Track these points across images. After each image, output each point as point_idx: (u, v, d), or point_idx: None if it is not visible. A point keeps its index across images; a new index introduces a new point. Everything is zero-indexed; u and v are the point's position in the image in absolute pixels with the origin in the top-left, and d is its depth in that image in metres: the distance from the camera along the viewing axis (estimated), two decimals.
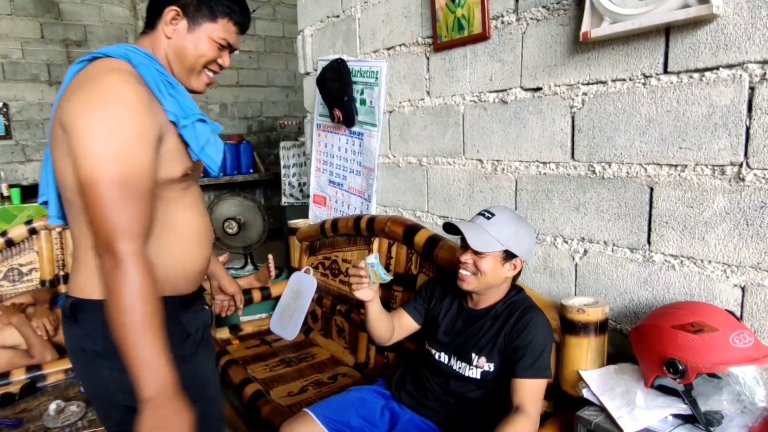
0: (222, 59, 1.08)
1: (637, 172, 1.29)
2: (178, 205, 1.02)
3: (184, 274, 1.05)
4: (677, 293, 1.25)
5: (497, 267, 1.30)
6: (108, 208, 0.85)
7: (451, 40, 1.72)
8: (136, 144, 0.87)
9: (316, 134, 2.53)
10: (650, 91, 1.24)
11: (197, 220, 1.06)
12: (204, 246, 1.09)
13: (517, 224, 1.31)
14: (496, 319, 1.34)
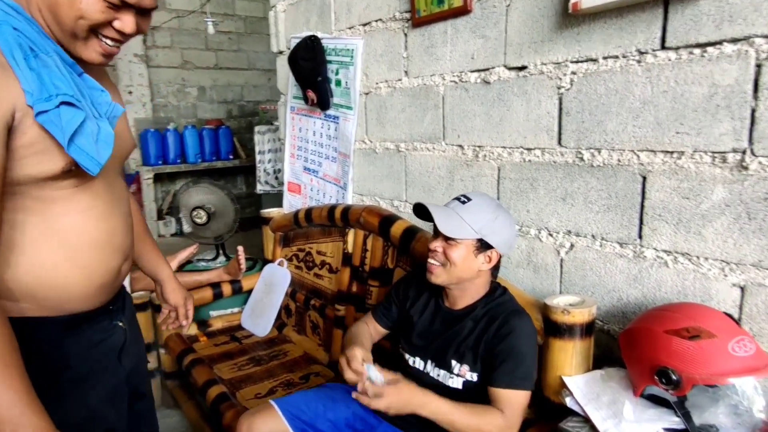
0: (121, 22, 0.80)
1: (629, 159, 1.18)
2: (64, 208, 0.82)
3: (76, 290, 0.85)
4: (670, 292, 1.15)
5: (469, 257, 1.16)
6: None
7: (430, 15, 1.58)
8: None
9: (290, 118, 2.39)
10: (645, 69, 1.12)
11: (95, 224, 0.86)
12: (107, 255, 0.89)
13: (495, 212, 1.18)
14: (477, 322, 1.21)
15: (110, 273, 0.91)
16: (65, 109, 0.74)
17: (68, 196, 0.82)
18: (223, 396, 1.70)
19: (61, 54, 0.79)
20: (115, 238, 0.91)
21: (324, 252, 2.10)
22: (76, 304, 0.87)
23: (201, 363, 1.96)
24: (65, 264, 0.83)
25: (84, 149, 0.76)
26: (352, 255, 1.92)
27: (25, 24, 0.75)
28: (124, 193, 0.98)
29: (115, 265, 0.92)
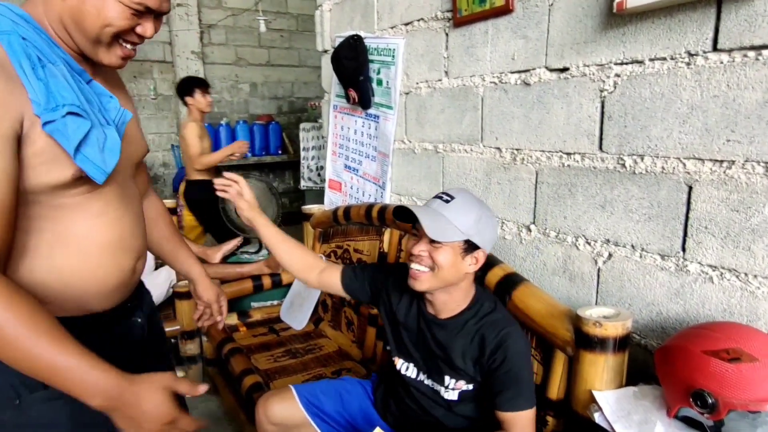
0: (142, 27, 0.83)
1: (674, 167, 1.11)
2: (78, 214, 0.83)
3: (93, 291, 0.87)
4: (714, 310, 1.08)
5: (457, 260, 1.09)
6: None
7: (471, 14, 1.55)
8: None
9: (333, 116, 2.42)
10: (695, 72, 1.06)
11: (109, 228, 0.88)
12: (120, 257, 0.91)
13: (480, 210, 1.11)
14: (469, 337, 1.15)
15: (124, 273, 0.93)
16: (71, 119, 0.75)
17: (81, 203, 0.83)
18: (258, 385, 1.75)
19: (69, 62, 0.81)
20: (127, 241, 0.92)
21: (361, 250, 2.11)
22: (95, 304, 0.89)
23: (239, 352, 2.03)
24: (81, 267, 0.85)
25: (90, 158, 0.77)
26: (387, 254, 1.92)
27: (33, 33, 0.77)
28: (136, 195, 0.99)
29: (129, 265, 0.94)
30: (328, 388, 1.41)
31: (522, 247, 1.52)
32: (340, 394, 1.40)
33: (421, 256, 1.10)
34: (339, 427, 1.37)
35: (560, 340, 1.20)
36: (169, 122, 5.54)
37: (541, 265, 1.47)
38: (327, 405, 1.35)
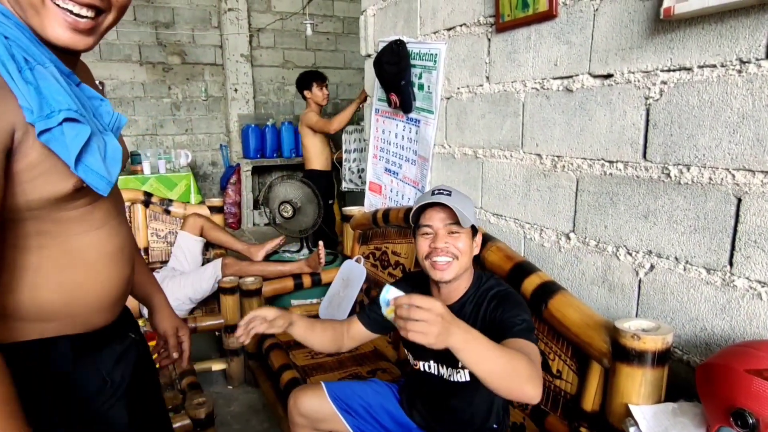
0: None
1: (723, 178, 1.08)
2: (81, 226, 0.77)
3: (98, 303, 0.83)
4: (762, 328, 1.04)
5: (470, 244, 1.22)
6: None
7: (514, 20, 1.55)
8: None
9: (374, 119, 2.45)
10: (747, 80, 1.02)
11: (111, 238, 0.83)
12: (120, 267, 0.86)
13: (468, 198, 1.28)
14: (471, 309, 1.23)
15: (124, 283, 0.88)
16: (68, 125, 0.66)
17: (84, 215, 0.77)
18: (295, 381, 1.80)
19: (56, 63, 0.70)
20: (126, 249, 0.88)
21: (399, 252, 2.14)
22: (98, 318, 0.84)
23: (279, 348, 2.10)
24: (86, 280, 0.80)
25: (93, 168, 0.69)
26: None
27: (16, 30, 0.66)
28: (122, 201, 0.95)
29: (128, 274, 0.89)
30: (358, 387, 1.46)
31: (561, 256, 1.50)
32: (368, 392, 1.45)
33: (446, 248, 1.18)
34: (365, 422, 1.40)
35: (597, 351, 1.18)
36: (218, 123, 5.75)
37: (579, 275, 1.44)
38: (355, 402, 1.40)
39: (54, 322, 0.78)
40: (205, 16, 5.41)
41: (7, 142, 0.63)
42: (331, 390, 1.41)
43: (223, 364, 2.42)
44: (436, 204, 1.19)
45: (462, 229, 1.19)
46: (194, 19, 5.37)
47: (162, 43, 5.31)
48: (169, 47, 5.35)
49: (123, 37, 5.15)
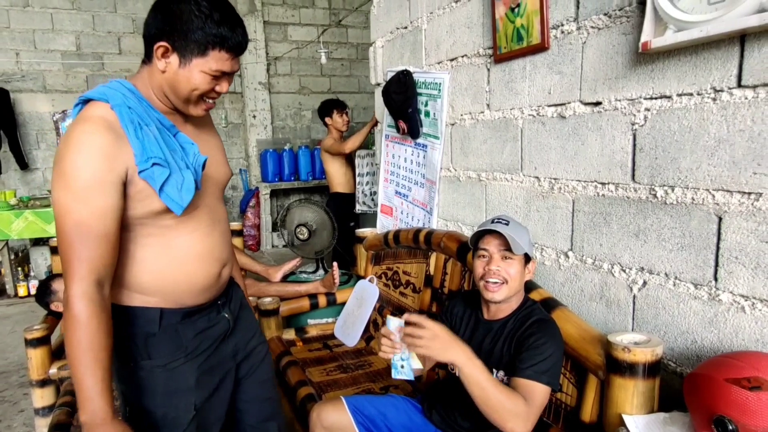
0: (219, 87, 1.07)
1: (704, 198, 1.14)
2: (176, 231, 1.09)
3: (188, 289, 1.12)
4: (747, 339, 1.09)
5: (521, 271, 1.32)
6: (64, 253, 0.95)
7: (510, 51, 1.65)
8: (91, 191, 0.94)
9: (385, 145, 2.56)
10: (721, 107, 1.09)
11: (199, 242, 1.13)
12: (207, 264, 1.15)
13: (526, 229, 1.37)
14: (511, 327, 1.32)
15: (211, 278, 1.16)
16: (157, 168, 0.99)
17: (178, 223, 1.08)
18: (311, 396, 1.88)
19: (161, 120, 1.05)
20: (215, 251, 1.16)
21: (409, 272, 2.22)
22: (187, 300, 1.14)
23: (295, 365, 2.18)
24: (177, 272, 1.10)
25: (170, 196, 1.02)
26: (433, 277, 2.02)
27: (136, 102, 1.02)
28: (223, 214, 1.23)
29: (215, 271, 1.17)
30: (375, 400, 1.55)
31: (561, 273, 1.57)
32: (385, 404, 1.52)
33: (498, 272, 1.30)
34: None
35: (592, 363, 1.25)
36: (238, 148, 5.95)
37: (579, 291, 1.51)
38: (371, 413, 1.48)
39: (152, 297, 1.10)
40: None
41: (123, 176, 0.98)
42: (350, 403, 1.50)
43: None
44: (494, 231, 1.30)
45: (515, 256, 1.29)
46: None
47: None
48: None
49: None
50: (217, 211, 1.20)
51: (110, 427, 0.95)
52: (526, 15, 1.55)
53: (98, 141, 0.95)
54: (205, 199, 1.14)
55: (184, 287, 1.12)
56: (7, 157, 5.05)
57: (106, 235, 0.96)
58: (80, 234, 0.94)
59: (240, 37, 1.03)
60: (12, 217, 4.20)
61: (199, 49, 1.00)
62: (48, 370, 2.13)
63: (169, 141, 1.05)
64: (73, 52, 5.22)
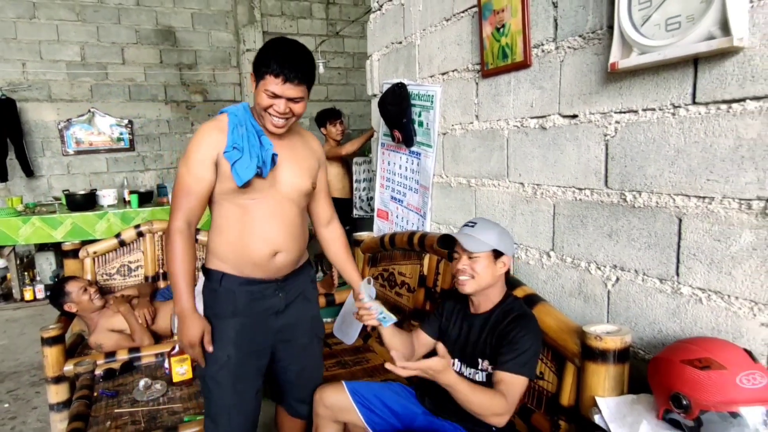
0: (275, 106, 1.38)
1: (666, 202, 1.28)
2: (247, 213, 1.46)
3: (244, 261, 1.48)
4: (705, 328, 1.22)
5: (490, 266, 1.45)
6: (173, 202, 1.45)
7: (496, 68, 1.79)
8: (195, 164, 1.41)
9: (381, 152, 2.70)
10: (679, 121, 1.23)
11: (259, 226, 1.47)
12: (261, 244, 1.47)
13: (497, 227, 1.51)
14: (495, 323, 1.46)
15: (263, 256, 1.48)
16: (235, 151, 1.40)
17: (250, 206, 1.45)
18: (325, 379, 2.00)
19: (254, 125, 1.45)
20: (270, 237, 1.47)
21: (404, 273, 2.35)
22: (246, 270, 1.50)
23: None
24: (239, 244, 1.47)
25: (237, 171, 1.40)
26: (426, 277, 2.15)
27: (244, 114, 1.46)
28: (293, 216, 1.52)
29: (267, 252, 1.48)
30: (374, 386, 1.68)
31: (543, 272, 1.70)
32: (383, 390, 1.66)
33: (464, 269, 1.46)
34: (377, 414, 1.61)
35: (570, 352, 1.37)
36: None
37: (560, 288, 1.64)
38: (373, 398, 1.62)
39: (223, 263, 1.50)
40: (225, 57, 5.81)
41: (215, 157, 1.41)
42: (351, 386, 1.65)
43: None
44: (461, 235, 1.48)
45: (480, 254, 1.44)
46: (215, 60, 5.76)
47: (185, 83, 5.69)
48: (191, 86, 5.73)
49: (150, 79, 5.55)
50: (287, 211, 1.50)
51: (194, 317, 1.43)
52: (511, 35, 1.69)
53: (206, 135, 1.42)
54: (275, 195, 1.48)
55: (242, 259, 1.48)
56: (13, 165, 5.17)
57: (197, 194, 1.42)
58: (183, 191, 1.42)
59: (285, 66, 1.33)
60: (20, 222, 4.32)
61: (259, 74, 1.38)
62: (63, 367, 2.24)
63: (252, 139, 1.41)
64: (78, 62, 5.35)
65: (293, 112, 1.42)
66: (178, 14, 5.62)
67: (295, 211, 1.53)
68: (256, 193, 1.46)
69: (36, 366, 3.31)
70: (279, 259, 1.51)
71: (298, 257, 1.60)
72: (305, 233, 1.63)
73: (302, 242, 1.60)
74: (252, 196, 1.45)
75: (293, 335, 1.62)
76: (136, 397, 1.96)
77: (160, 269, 2.94)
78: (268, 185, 1.47)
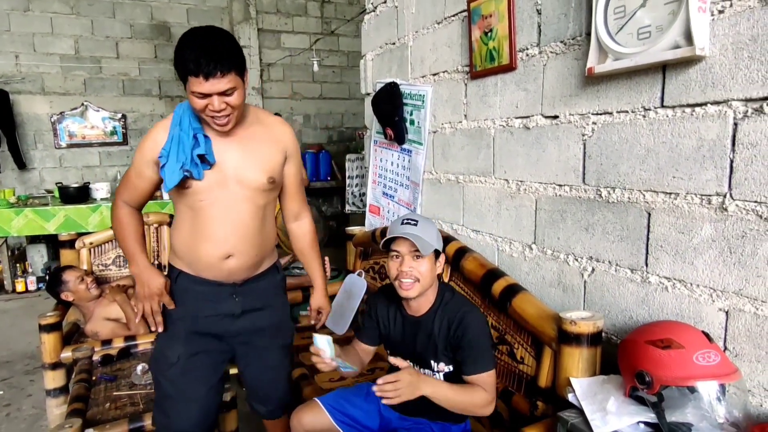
0: (209, 106, 1.29)
1: (637, 198, 1.38)
2: (197, 215, 1.43)
3: (196, 261, 1.48)
4: (670, 314, 1.33)
5: (432, 267, 1.45)
6: (120, 184, 1.53)
7: (484, 70, 1.88)
8: (139, 161, 1.45)
9: (373, 149, 2.78)
10: (649, 123, 1.33)
11: (213, 228, 1.44)
12: (212, 247, 1.44)
13: (433, 224, 1.50)
14: (439, 324, 1.46)
15: (214, 259, 1.46)
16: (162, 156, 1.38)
17: (201, 208, 1.42)
18: (304, 376, 2.09)
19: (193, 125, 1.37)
20: (220, 239, 1.44)
21: None
22: (200, 271, 1.49)
23: None
24: (192, 245, 1.47)
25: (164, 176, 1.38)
26: None
27: (187, 110, 1.39)
28: (247, 216, 1.46)
29: (218, 254, 1.45)
30: (350, 393, 1.66)
31: (526, 264, 1.80)
32: (360, 397, 1.64)
33: (410, 272, 1.42)
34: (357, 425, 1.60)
35: (547, 337, 1.47)
36: None
37: (540, 279, 1.74)
38: (351, 408, 1.60)
39: (180, 260, 1.52)
40: None
41: (156, 158, 1.40)
42: (327, 403, 1.60)
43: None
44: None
45: (425, 255, 1.41)
46: None
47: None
48: None
49: (144, 74, 5.58)
50: (241, 211, 1.44)
51: (152, 270, 1.49)
52: (497, 39, 1.79)
53: (153, 134, 1.42)
54: (227, 195, 1.42)
55: (194, 259, 1.47)
56: (5, 157, 5.18)
57: (138, 188, 1.48)
58: (127, 182, 1.49)
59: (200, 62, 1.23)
60: (12, 214, 4.34)
61: (181, 77, 1.29)
62: (60, 353, 2.30)
63: (185, 139, 1.35)
64: (72, 55, 5.37)
65: (231, 105, 1.30)
66: (173, 9, 5.65)
67: (250, 210, 1.46)
68: (203, 194, 1.39)
69: (29, 355, 3.35)
70: (231, 264, 1.46)
71: (256, 261, 1.53)
72: (267, 235, 1.54)
73: (261, 245, 1.52)
74: (200, 197, 1.39)
75: (251, 339, 1.60)
76: (134, 381, 2.03)
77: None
78: (216, 185, 1.40)
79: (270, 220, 1.55)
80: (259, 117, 1.50)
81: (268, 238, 1.56)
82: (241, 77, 1.31)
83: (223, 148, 1.42)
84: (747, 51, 1.11)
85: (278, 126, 1.53)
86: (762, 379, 1.15)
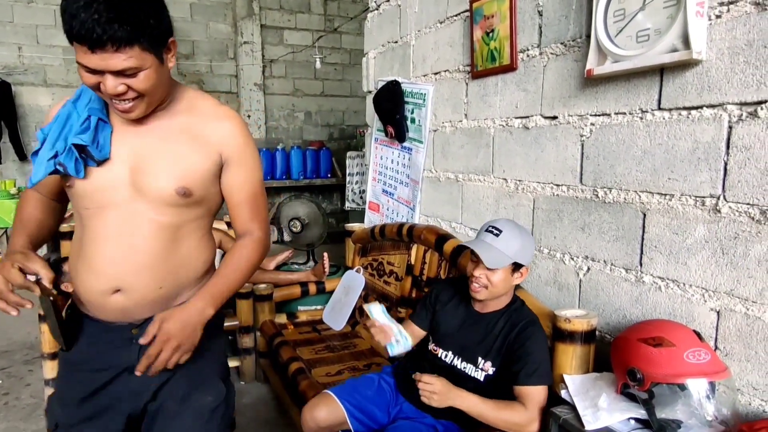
0: (101, 86, 0.90)
1: (633, 198, 1.40)
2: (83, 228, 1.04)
3: (76, 292, 1.05)
4: (663, 313, 1.35)
5: (507, 278, 1.43)
6: None
7: (485, 69, 1.90)
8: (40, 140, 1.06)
9: (374, 147, 2.80)
10: (646, 125, 1.35)
11: (97, 249, 1.01)
12: (96, 281, 1.01)
13: (521, 237, 1.43)
14: (503, 324, 1.47)
15: (92, 294, 1.03)
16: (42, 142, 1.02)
17: (84, 216, 1.03)
18: (301, 370, 2.11)
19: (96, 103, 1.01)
20: (100, 262, 1.01)
21: (392, 263, 2.46)
22: (86, 304, 1.07)
23: (286, 344, 2.40)
24: (72, 267, 1.07)
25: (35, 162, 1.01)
26: (413, 266, 2.26)
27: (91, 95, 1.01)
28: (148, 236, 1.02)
29: (96, 287, 1.02)
30: (360, 384, 1.65)
31: None
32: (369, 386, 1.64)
33: (480, 278, 1.42)
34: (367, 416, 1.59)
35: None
36: None
37: (537, 277, 1.76)
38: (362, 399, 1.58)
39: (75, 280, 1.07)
40: (222, 49, 5.87)
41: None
42: (340, 394, 1.58)
43: (237, 362, 2.72)
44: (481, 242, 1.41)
45: (493, 268, 1.38)
46: (212, 51, 5.82)
47: (182, 73, 5.75)
48: (188, 77, 5.78)
49: None
50: (140, 229, 1.02)
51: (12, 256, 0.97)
52: (499, 39, 1.80)
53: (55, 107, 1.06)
54: (120, 206, 1.00)
55: (76, 288, 1.03)
56: (7, 148, 5.19)
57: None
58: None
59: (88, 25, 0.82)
60: (13, 205, 4.35)
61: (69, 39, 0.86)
62: None
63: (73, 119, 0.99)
64: None
65: (133, 89, 0.91)
66: (177, 4, 5.66)
67: (151, 230, 1.02)
68: (87, 200, 0.99)
69: (28, 345, 3.37)
70: (119, 301, 1.02)
71: (162, 297, 1.06)
72: (183, 263, 1.07)
73: (170, 278, 1.06)
74: (84, 204, 0.99)
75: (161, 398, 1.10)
76: None
77: None
78: (106, 190, 1.00)
79: (191, 244, 1.09)
80: (196, 105, 1.06)
81: (185, 267, 1.09)
82: (154, 53, 0.90)
83: (125, 141, 1.01)
84: (743, 55, 1.13)
85: (217, 120, 1.05)
86: (751, 378, 1.17)
